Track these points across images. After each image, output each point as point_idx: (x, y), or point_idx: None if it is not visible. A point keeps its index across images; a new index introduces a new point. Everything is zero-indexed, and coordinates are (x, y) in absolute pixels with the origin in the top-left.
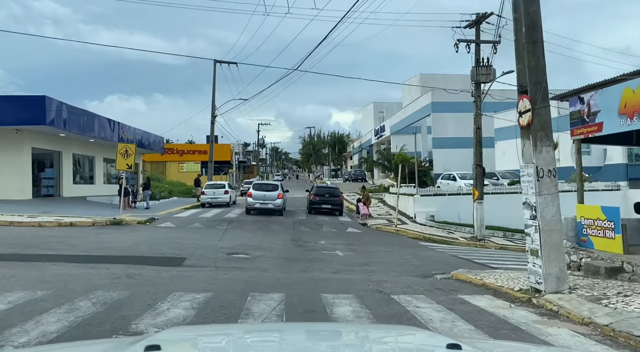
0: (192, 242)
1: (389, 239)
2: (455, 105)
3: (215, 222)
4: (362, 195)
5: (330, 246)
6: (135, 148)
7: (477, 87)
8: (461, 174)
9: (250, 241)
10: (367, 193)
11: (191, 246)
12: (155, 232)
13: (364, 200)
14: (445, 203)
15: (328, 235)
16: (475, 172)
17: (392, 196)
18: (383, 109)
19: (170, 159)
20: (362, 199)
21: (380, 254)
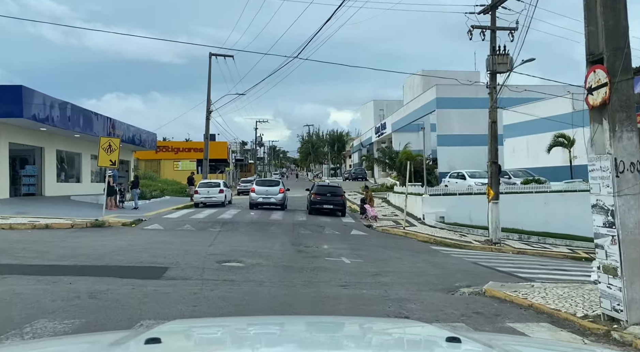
0: (180, 247)
1: (397, 242)
2: (461, 101)
3: (207, 224)
4: (365, 194)
5: (335, 251)
6: (119, 143)
7: (492, 78)
8: (471, 172)
9: (246, 245)
10: (370, 192)
11: (178, 252)
12: (140, 235)
13: (368, 200)
14: (455, 203)
15: (331, 238)
16: (490, 170)
17: (397, 195)
18: (383, 106)
19: (165, 157)
20: (365, 199)
21: (392, 261)
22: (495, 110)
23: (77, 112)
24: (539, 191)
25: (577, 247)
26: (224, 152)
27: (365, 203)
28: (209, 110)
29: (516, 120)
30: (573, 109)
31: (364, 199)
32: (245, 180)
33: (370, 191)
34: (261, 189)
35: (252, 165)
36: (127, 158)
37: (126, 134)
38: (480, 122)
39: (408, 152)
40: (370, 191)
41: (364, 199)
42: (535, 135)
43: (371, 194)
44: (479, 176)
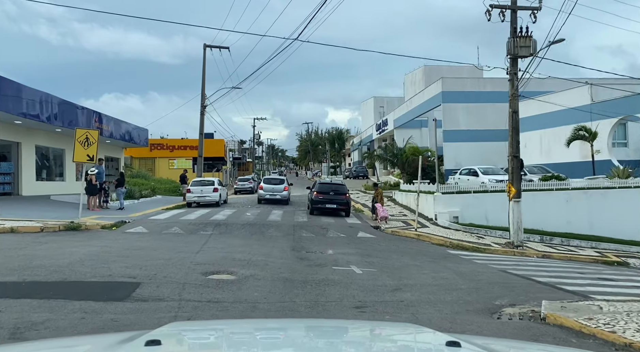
0: (162, 254)
1: (410, 246)
2: (468, 95)
3: (198, 226)
4: (375, 193)
5: (342, 257)
6: (98, 135)
7: (513, 63)
8: (484, 168)
9: (240, 251)
10: (380, 191)
11: (158, 262)
12: (119, 240)
13: (378, 199)
14: (470, 202)
15: (336, 242)
16: (511, 165)
17: (405, 193)
18: (384, 103)
19: (160, 155)
20: (376, 199)
21: (409, 269)
22: (517, 98)
23: (58, 104)
24: (559, 188)
25: (605, 250)
26: (221, 150)
27: (376, 202)
28: (204, 105)
29: (528, 113)
30: (592, 101)
31: (375, 199)
32: (242, 178)
33: (380, 189)
34: (268, 187)
35: (250, 163)
36: (117, 155)
37: (115, 129)
38: (487, 117)
39: (415, 148)
40: (381, 189)
41: (375, 199)
42: (550, 129)
43: (382, 192)
44: (492, 172)
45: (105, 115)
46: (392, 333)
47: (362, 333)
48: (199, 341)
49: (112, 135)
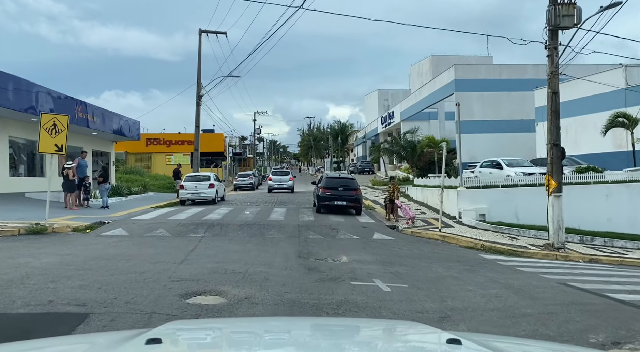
0: (135, 266)
1: (436, 250)
2: (482, 83)
3: (188, 228)
4: (390, 188)
5: (360, 267)
6: (67, 121)
7: (552, 35)
8: (508, 160)
9: (234, 260)
10: (397, 186)
11: (126, 278)
12: (90, 246)
13: (395, 195)
14: (498, 198)
15: (349, 246)
16: (550, 155)
17: (419, 189)
18: (388, 96)
19: (156, 150)
20: (392, 197)
21: (447, 283)
22: (557, 77)
23: (31, 90)
24: (597, 182)
25: None
26: (220, 145)
27: (398, 200)
28: (199, 94)
29: None
30: (627, 85)
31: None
32: (242, 174)
33: (397, 185)
34: (276, 178)
35: (250, 159)
36: (107, 149)
37: (103, 121)
38: (503, 107)
39: (431, 138)
40: (397, 185)
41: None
42: (577, 117)
43: (399, 188)
44: (516, 164)
45: (90, 105)
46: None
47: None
48: (200, 339)
49: (100, 127)
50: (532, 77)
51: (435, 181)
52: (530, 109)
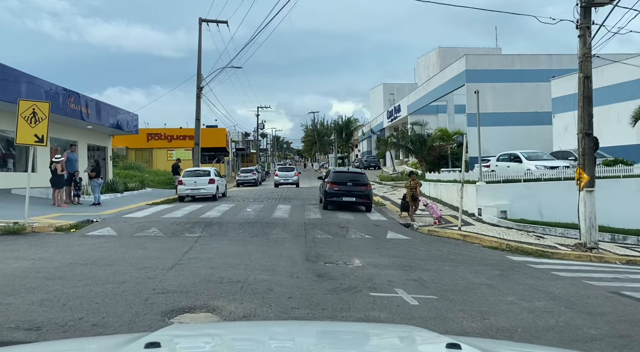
0: (116, 274)
1: (458, 251)
2: (494, 73)
3: (184, 227)
4: (410, 184)
5: (377, 272)
6: (49, 109)
7: (585, 13)
8: (527, 153)
9: (232, 264)
10: (418, 181)
11: (101, 289)
12: (71, 248)
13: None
14: (521, 193)
15: (362, 246)
16: (582, 145)
17: (432, 184)
18: (394, 90)
19: (158, 146)
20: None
21: (482, 293)
22: (589, 60)
23: (18, 79)
24: (627, 175)
25: None
26: (223, 140)
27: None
28: (200, 86)
29: (568, 91)
30: None
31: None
32: (245, 169)
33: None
34: (282, 173)
35: (254, 155)
36: (104, 144)
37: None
38: (515, 98)
39: (444, 130)
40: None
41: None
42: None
43: (420, 183)
44: (536, 157)
45: (84, 96)
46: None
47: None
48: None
49: (95, 120)
50: (546, 68)
51: (449, 175)
52: (544, 101)
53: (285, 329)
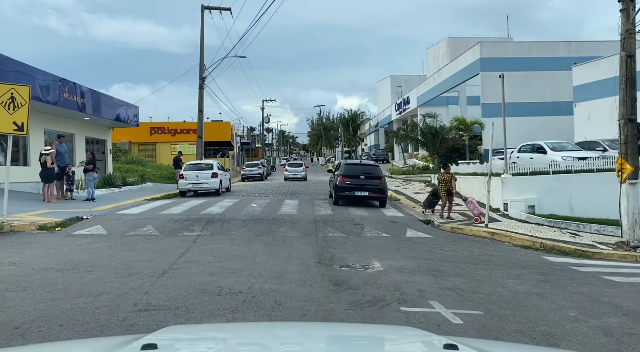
0: (94, 283)
1: (488, 251)
2: (510, 61)
3: (182, 224)
4: (444, 178)
5: (403, 279)
6: (29, 93)
7: None
8: (552, 143)
9: (234, 269)
10: (453, 175)
11: (70, 305)
12: (51, 249)
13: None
14: (550, 186)
15: (380, 246)
16: (625, 132)
17: None
18: (402, 82)
19: (161, 140)
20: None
21: (535, 306)
22: (633, 37)
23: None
24: None
25: None
26: (227, 134)
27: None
28: (202, 76)
29: (591, 78)
30: None
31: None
32: (250, 163)
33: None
34: (291, 169)
35: (259, 149)
36: (103, 137)
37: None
38: (532, 88)
39: (461, 119)
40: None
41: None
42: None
43: (455, 177)
44: (560, 148)
45: (79, 86)
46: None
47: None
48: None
49: (93, 111)
50: (564, 55)
51: (468, 168)
52: (562, 90)
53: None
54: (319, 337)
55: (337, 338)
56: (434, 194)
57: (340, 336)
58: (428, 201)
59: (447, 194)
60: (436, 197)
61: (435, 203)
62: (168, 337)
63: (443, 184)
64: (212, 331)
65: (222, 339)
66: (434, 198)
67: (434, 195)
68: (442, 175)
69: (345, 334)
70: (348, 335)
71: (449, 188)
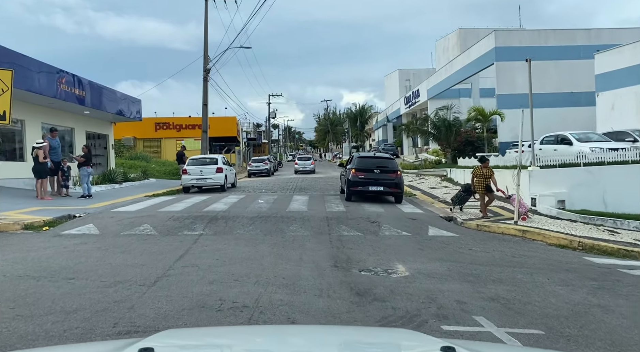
0: (69, 296)
1: (522, 252)
2: (526, 51)
3: (183, 223)
4: (482, 173)
5: (435, 286)
6: (11, 78)
7: None
8: (578, 134)
9: (238, 277)
10: (491, 169)
11: (35, 325)
12: (29, 253)
13: (492, 180)
14: (581, 179)
15: (401, 247)
16: None
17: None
18: (410, 76)
19: (167, 136)
20: (489, 183)
21: (603, 322)
22: None
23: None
24: None
25: None
26: (233, 129)
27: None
28: (206, 68)
29: (615, 66)
30: None
31: (488, 184)
32: (257, 159)
33: (491, 168)
34: (301, 162)
35: (265, 145)
36: (105, 131)
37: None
38: (549, 78)
39: (480, 109)
40: (491, 168)
41: (488, 184)
42: None
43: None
44: (586, 138)
45: (77, 77)
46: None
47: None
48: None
49: (93, 104)
50: (584, 43)
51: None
52: (581, 81)
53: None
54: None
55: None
56: (467, 189)
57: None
58: (458, 197)
59: (486, 190)
60: (468, 193)
61: (466, 199)
62: (166, 342)
63: (482, 179)
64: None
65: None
66: (465, 194)
67: (467, 190)
68: (479, 169)
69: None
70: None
71: (488, 184)
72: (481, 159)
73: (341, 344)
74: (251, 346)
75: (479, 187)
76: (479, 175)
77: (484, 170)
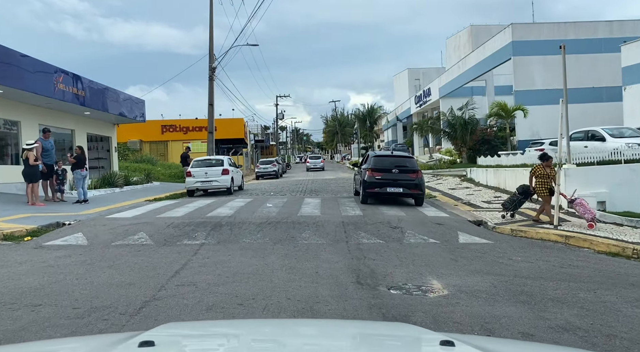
0: (26, 329)
1: (569, 261)
2: (544, 44)
3: (183, 230)
4: (544, 172)
5: (483, 309)
6: None
7: None
8: (611, 129)
9: (243, 299)
10: (554, 169)
11: None
12: (2, 269)
13: (555, 181)
14: (623, 178)
15: (431, 256)
16: None
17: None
18: (419, 75)
19: (173, 138)
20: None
21: None
22: None
23: None
24: None
25: None
26: (241, 131)
27: (553, 190)
28: (212, 67)
29: None
30: None
31: (550, 185)
32: (264, 161)
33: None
34: (312, 161)
35: (273, 147)
36: (107, 133)
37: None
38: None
39: (503, 105)
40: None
41: (550, 185)
42: None
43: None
44: (619, 134)
45: (76, 75)
46: (384, 332)
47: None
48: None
49: (93, 104)
50: (605, 36)
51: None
52: (603, 75)
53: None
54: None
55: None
56: (525, 192)
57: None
58: (513, 201)
59: (549, 192)
60: (526, 196)
61: (523, 203)
62: (166, 334)
63: (544, 179)
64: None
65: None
66: (523, 197)
67: (525, 193)
68: (541, 168)
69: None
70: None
71: (552, 186)
72: (542, 156)
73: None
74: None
75: (541, 190)
76: (541, 174)
77: (547, 169)
